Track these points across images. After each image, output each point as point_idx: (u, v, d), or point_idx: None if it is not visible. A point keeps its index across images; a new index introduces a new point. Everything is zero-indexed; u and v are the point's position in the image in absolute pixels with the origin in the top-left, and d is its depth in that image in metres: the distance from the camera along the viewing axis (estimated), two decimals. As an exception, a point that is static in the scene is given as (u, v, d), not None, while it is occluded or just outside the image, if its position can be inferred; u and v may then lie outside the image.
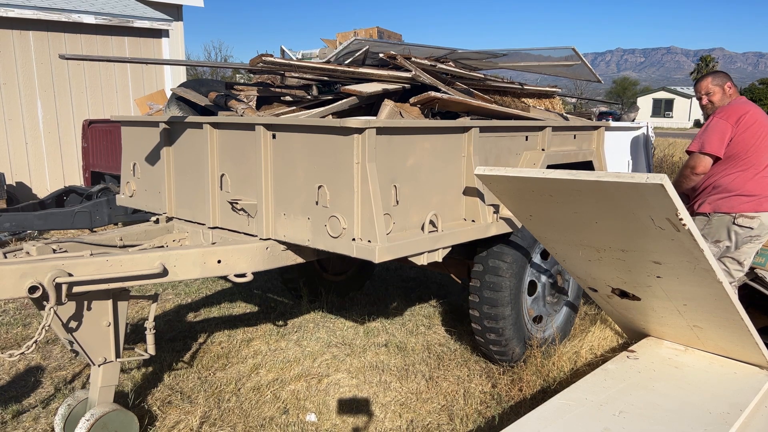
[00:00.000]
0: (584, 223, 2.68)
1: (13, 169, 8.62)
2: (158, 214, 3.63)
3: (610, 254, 2.83)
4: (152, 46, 9.86)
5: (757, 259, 3.73)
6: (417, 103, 3.18)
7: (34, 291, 2.33)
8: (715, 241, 3.42)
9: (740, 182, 3.37)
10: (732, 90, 3.57)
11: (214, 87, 3.90)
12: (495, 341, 3.43)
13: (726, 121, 3.36)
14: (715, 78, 3.62)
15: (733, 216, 3.37)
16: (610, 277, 3.07)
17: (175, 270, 2.68)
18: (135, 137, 3.79)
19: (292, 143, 2.81)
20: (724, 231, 3.40)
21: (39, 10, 8.42)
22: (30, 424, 2.95)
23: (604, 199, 2.41)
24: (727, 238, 3.40)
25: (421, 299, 4.95)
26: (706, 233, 3.44)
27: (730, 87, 3.56)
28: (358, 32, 4.31)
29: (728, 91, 3.56)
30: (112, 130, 7.07)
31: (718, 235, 3.42)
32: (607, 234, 2.67)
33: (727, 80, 3.59)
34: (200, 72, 29.26)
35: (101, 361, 2.66)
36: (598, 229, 2.68)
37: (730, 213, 3.37)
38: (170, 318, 4.46)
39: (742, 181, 3.37)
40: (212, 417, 3.02)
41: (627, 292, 3.15)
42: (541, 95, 4.39)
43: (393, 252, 2.60)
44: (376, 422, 3.00)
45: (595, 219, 2.60)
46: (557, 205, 2.66)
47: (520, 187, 2.69)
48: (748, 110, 3.37)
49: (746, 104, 3.45)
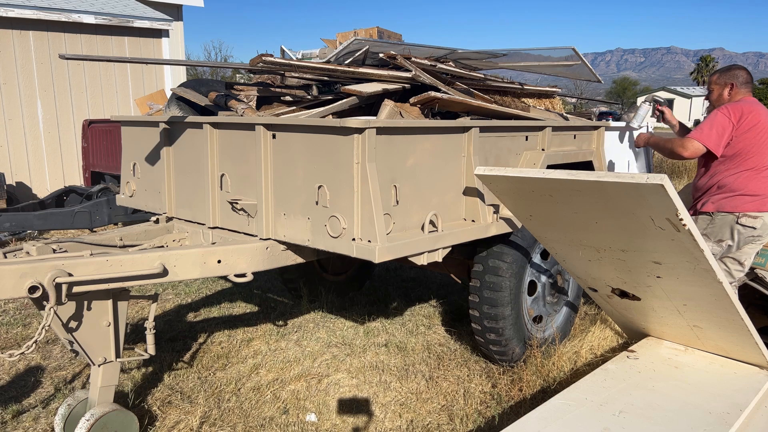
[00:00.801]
0: (584, 223, 2.68)
1: (13, 169, 8.62)
2: (158, 214, 3.63)
3: (610, 254, 2.83)
4: (152, 46, 9.86)
5: (757, 260, 3.73)
6: (417, 103, 3.18)
7: (34, 291, 2.33)
8: (717, 240, 3.42)
9: (743, 182, 3.37)
10: (735, 91, 3.51)
11: (214, 87, 3.90)
12: (495, 341, 3.43)
13: (728, 117, 3.35)
14: (721, 76, 3.58)
15: (736, 215, 3.36)
16: (610, 277, 3.07)
17: (175, 270, 2.68)
18: (135, 137, 3.79)
19: (292, 143, 2.81)
20: (727, 230, 3.40)
21: (39, 10, 8.42)
22: (30, 424, 2.95)
23: (604, 199, 2.41)
24: (730, 237, 3.40)
25: (421, 299, 4.95)
26: (709, 233, 3.43)
27: (731, 89, 3.51)
28: (358, 32, 4.31)
29: (726, 93, 3.53)
30: (112, 130, 7.08)
31: (720, 235, 3.42)
32: (607, 234, 2.67)
33: (732, 80, 3.53)
34: (200, 72, 29.27)
35: (101, 361, 2.66)
36: (597, 229, 2.68)
37: (733, 212, 3.37)
38: (170, 318, 4.47)
39: (746, 181, 3.36)
40: (212, 417, 3.02)
41: (627, 293, 3.15)
42: (541, 95, 4.40)
43: (393, 252, 2.60)
44: (376, 422, 3.00)
45: (595, 219, 2.60)
46: (557, 206, 2.66)
47: (520, 187, 2.69)
48: (753, 110, 3.35)
49: (753, 104, 3.41)
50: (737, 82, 3.50)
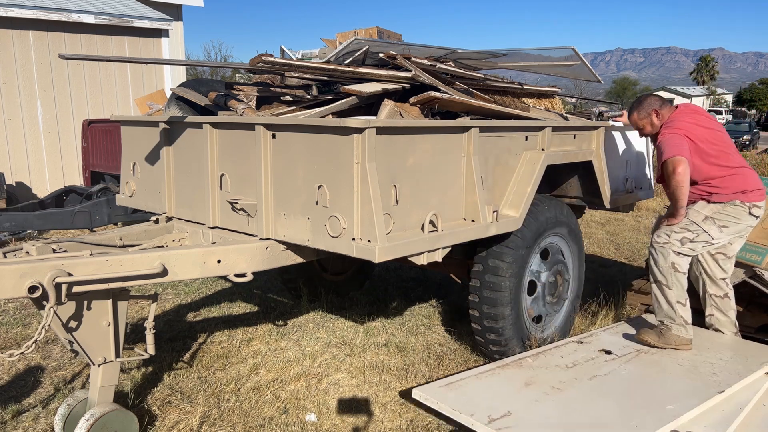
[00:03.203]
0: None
1: (13, 169, 8.62)
2: (158, 214, 3.63)
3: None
4: (152, 46, 9.86)
5: (755, 257, 3.74)
6: (417, 103, 3.18)
7: (33, 291, 2.33)
8: (721, 227, 3.41)
9: (737, 182, 3.42)
10: (663, 111, 3.56)
11: (214, 87, 3.90)
12: (495, 341, 3.43)
13: (674, 132, 3.39)
14: (639, 112, 3.63)
15: (748, 206, 3.41)
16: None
17: (174, 270, 2.68)
18: (135, 137, 3.79)
19: (292, 143, 2.81)
20: (732, 219, 3.41)
21: (39, 10, 8.42)
22: (30, 424, 2.95)
23: None
24: (734, 223, 3.41)
25: (421, 299, 4.95)
26: (717, 219, 3.40)
27: (657, 112, 3.56)
28: (358, 32, 4.31)
29: (655, 119, 3.57)
30: (111, 129, 7.07)
31: (726, 221, 3.41)
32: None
33: (651, 107, 3.58)
34: (200, 72, 29.26)
35: (101, 361, 2.66)
36: None
37: (745, 203, 3.40)
38: (170, 318, 4.46)
39: (738, 181, 3.43)
40: (212, 417, 3.02)
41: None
42: (540, 95, 4.40)
43: (393, 252, 2.60)
44: (376, 422, 3.00)
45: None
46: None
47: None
48: (685, 126, 3.40)
49: (683, 119, 3.46)
50: (656, 106, 3.58)
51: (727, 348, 3.49)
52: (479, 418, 2.59)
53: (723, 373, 3.11)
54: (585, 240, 6.87)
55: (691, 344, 3.46)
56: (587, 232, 7.67)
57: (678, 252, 3.41)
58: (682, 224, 3.43)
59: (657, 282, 3.49)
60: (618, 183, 4.29)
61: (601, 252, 6.72)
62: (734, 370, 3.15)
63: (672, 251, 3.40)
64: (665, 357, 3.36)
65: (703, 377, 3.07)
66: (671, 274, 3.41)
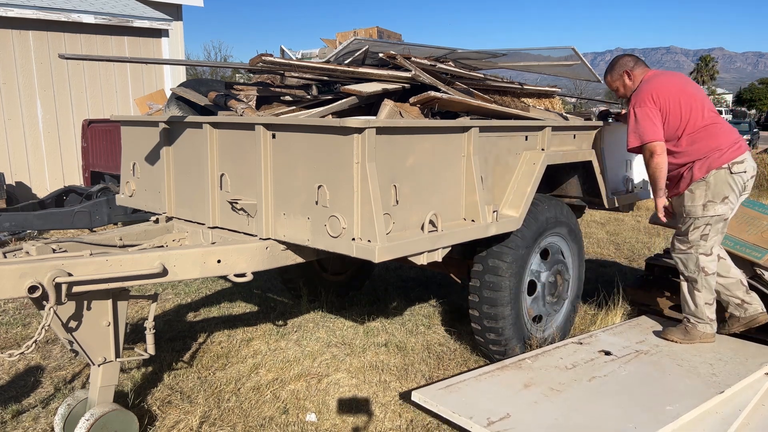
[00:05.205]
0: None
1: (13, 169, 8.62)
2: (158, 213, 3.63)
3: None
4: (152, 46, 9.86)
5: (755, 254, 3.74)
6: (417, 103, 3.18)
7: (33, 291, 2.33)
8: (723, 199, 3.39)
9: (707, 143, 3.40)
10: (635, 72, 3.58)
11: (214, 87, 3.90)
12: (495, 341, 3.43)
13: (643, 107, 3.41)
14: (612, 74, 3.70)
15: (726, 167, 3.38)
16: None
17: (174, 270, 2.68)
18: (135, 137, 3.79)
19: (292, 143, 2.81)
20: (725, 185, 3.39)
21: (39, 10, 8.42)
22: (30, 424, 2.95)
23: None
24: (731, 190, 3.39)
25: (421, 299, 4.95)
26: (713, 195, 3.39)
27: (629, 73, 3.60)
28: (358, 32, 4.31)
29: (627, 80, 3.61)
30: (111, 129, 7.08)
31: (723, 191, 3.39)
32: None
33: (623, 68, 3.62)
34: (200, 72, 29.24)
35: (101, 361, 2.66)
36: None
37: (721, 166, 3.38)
38: (170, 318, 4.46)
39: (708, 141, 3.40)
40: (212, 417, 3.02)
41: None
42: (540, 95, 4.39)
43: (393, 252, 2.60)
44: (376, 422, 3.00)
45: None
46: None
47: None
48: (656, 87, 3.41)
49: (654, 81, 3.47)
50: (628, 67, 3.62)
51: (726, 348, 3.49)
52: (478, 421, 2.60)
53: (723, 374, 3.11)
54: (585, 240, 6.88)
55: (714, 337, 3.60)
56: (587, 232, 7.67)
57: (704, 253, 3.46)
58: (690, 227, 3.47)
59: (688, 281, 3.57)
60: (618, 183, 4.29)
61: (601, 252, 6.73)
62: (734, 370, 3.16)
63: (698, 254, 3.46)
64: (665, 358, 3.36)
65: (703, 378, 3.08)
66: (702, 278, 3.49)
